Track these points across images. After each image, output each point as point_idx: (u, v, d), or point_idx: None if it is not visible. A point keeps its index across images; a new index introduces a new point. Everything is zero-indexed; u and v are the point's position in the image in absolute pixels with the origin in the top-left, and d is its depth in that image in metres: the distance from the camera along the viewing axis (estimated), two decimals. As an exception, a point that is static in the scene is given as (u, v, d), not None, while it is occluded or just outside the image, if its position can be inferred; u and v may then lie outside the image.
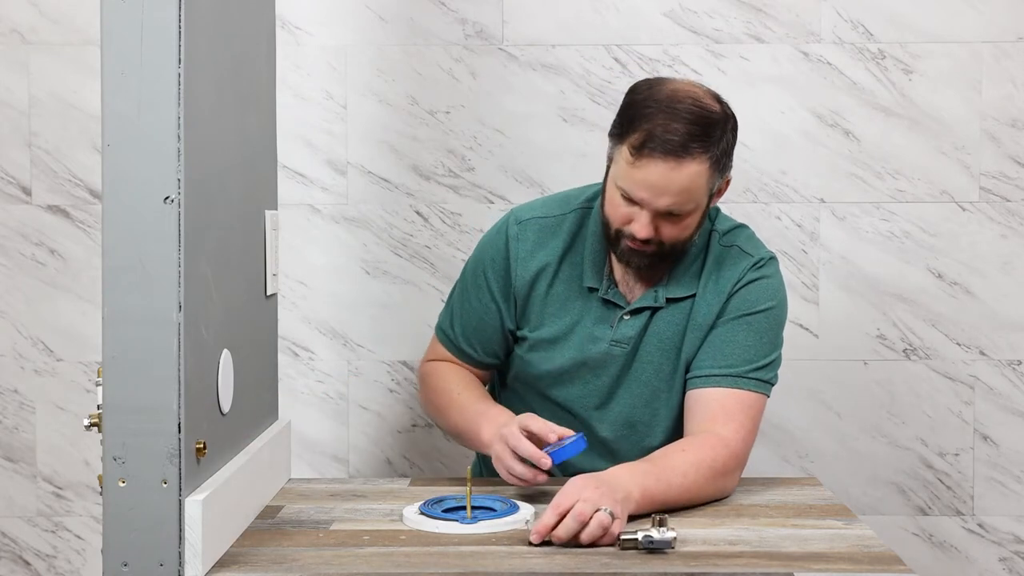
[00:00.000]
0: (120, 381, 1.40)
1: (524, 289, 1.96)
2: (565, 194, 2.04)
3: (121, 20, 1.40)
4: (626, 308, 1.92)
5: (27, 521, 2.56)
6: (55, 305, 2.54)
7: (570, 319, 1.94)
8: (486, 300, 1.99)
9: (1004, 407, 2.56)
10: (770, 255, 1.94)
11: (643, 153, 1.77)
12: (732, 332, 1.88)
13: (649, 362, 1.92)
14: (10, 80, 2.51)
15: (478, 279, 2.00)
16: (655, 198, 1.79)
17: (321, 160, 2.54)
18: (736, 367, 1.86)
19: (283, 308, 2.47)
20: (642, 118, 1.78)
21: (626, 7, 2.52)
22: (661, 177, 1.77)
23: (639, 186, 1.79)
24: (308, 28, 2.53)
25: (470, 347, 2.02)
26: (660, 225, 1.82)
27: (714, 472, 1.76)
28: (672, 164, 1.76)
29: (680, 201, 1.79)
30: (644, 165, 1.77)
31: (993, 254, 2.54)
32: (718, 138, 1.79)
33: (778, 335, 1.92)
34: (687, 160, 1.76)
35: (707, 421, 1.83)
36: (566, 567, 1.49)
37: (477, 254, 2.03)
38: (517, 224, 1.98)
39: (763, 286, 1.90)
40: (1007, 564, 2.57)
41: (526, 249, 1.96)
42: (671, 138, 1.75)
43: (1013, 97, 2.52)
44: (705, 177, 1.79)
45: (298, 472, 2.51)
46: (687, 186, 1.78)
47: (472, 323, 2.01)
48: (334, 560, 1.53)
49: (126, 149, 1.40)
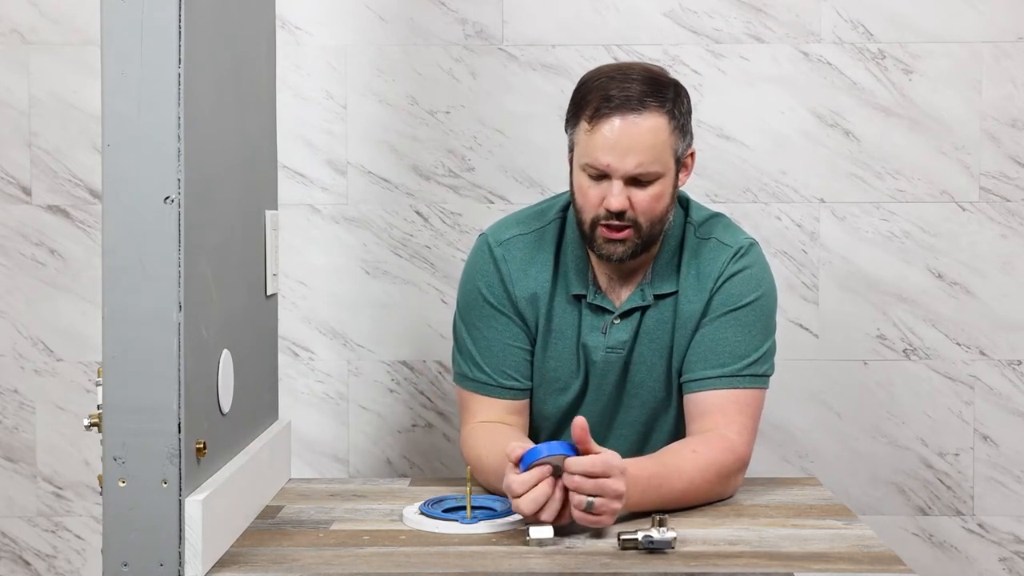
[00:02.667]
0: (120, 381, 1.40)
1: (527, 307, 1.92)
2: (536, 208, 2.00)
3: (121, 20, 1.40)
4: (615, 312, 1.90)
5: (27, 521, 2.56)
6: (55, 305, 2.54)
7: (570, 332, 1.92)
8: (502, 323, 1.92)
9: (1004, 407, 2.56)
10: (749, 242, 1.90)
11: (601, 115, 1.77)
12: (720, 330, 1.85)
13: (643, 363, 1.91)
14: (10, 80, 2.51)
15: (483, 310, 1.92)
16: (621, 159, 1.76)
17: (321, 160, 2.54)
18: (728, 366, 1.84)
19: (283, 308, 2.47)
20: (593, 90, 1.80)
21: (626, 7, 2.52)
22: (622, 133, 1.76)
23: (602, 150, 1.77)
24: (308, 28, 2.53)
25: (508, 379, 1.92)
26: (631, 195, 1.79)
27: (719, 476, 1.76)
28: (631, 119, 1.76)
29: (646, 160, 1.77)
30: (603, 126, 1.77)
31: (993, 254, 2.54)
32: (672, 97, 1.80)
33: (768, 324, 1.89)
34: (645, 113, 1.77)
35: (708, 425, 1.82)
36: (566, 567, 1.49)
37: (467, 288, 1.95)
38: (499, 245, 1.93)
39: (746, 277, 1.87)
40: (1007, 564, 2.57)
41: (517, 268, 1.92)
42: (626, 95, 1.77)
43: (1013, 97, 2.52)
44: (666, 133, 1.78)
45: (298, 472, 2.51)
46: (650, 141, 1.77)
47: (498, 353, 1.91)
48: (334, 560, 1.53)
49: (126, 149, 1.40)
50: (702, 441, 1.78)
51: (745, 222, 2.52)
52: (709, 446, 1.77)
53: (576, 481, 1.56)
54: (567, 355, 1.93)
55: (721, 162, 2.53)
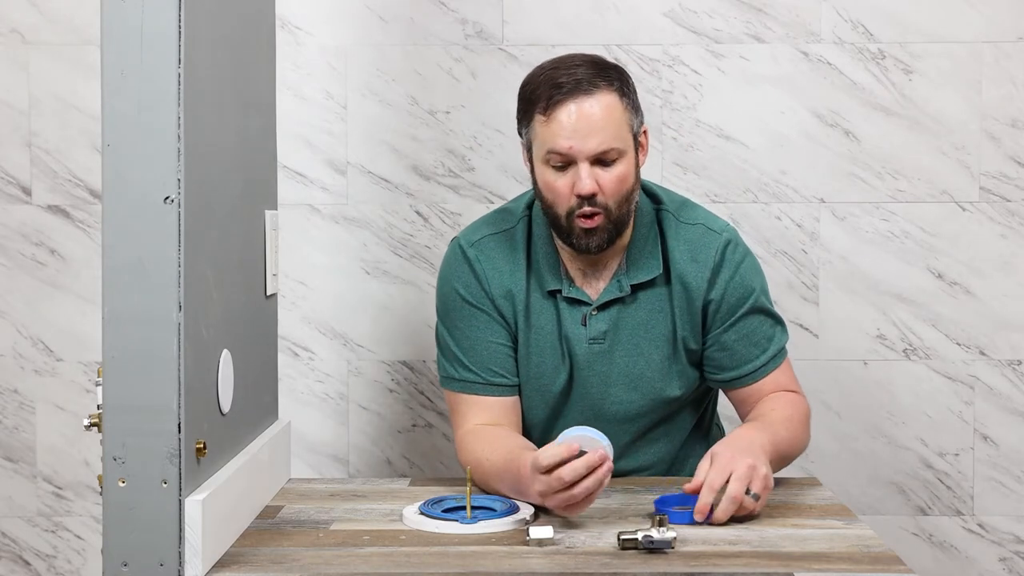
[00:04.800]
0: (120, 381, 1.40)
1: (504, 304, 1.93)
2: (501, 209, 2.03)
3: (121, 20, 1.40)
4: (592, 304, 1.92)
5: (27, 521, 2.56)
6: (55, 305, 2.54)
7: (549, 327, 1.93)
8: (483, 321, 1.93)
9: (1004, 407, 2.56)
10: (732, 227, 1.98)
11: (554, 103, 1.81)
12: (749, 324, 1.94)
13: (639, 354, 1.93)
14: (10, 80, 2.51)
15: (463, 310, 1.94)
16: (583, 141, 1.80)
17: (321, 160, 2.54)
18: (768, 350, 1.95)
19: (283, 308, 2.47)
20: (539, 85, 1.84)
21: (626, 7, 2.52)
22: (579, 116, 1.80)
23: (562, 135, 1.80)
24: (308, 28, 2.53)
25: (495, 375, 1.93)
26: (598, 177, 1.82)
27: (804, 423, 1.93)
28: (583, 100, 1.80)
29: (607, 138, 1.80)
30: (559, 113, 1.81)
31: (993, 254, 2.54)
32: (617, 76, 1.85)
33: (769, 293, 2.00)
34: (597, 94, 1.81)
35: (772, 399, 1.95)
36: (566, 567, 1.49)
37: (444, 291, 1.96)
38: (471, 247, 1.95)
39: (747, 268, 1.95)
40: (1007, 564, 2.57)
41: (491, 266, 1.94)
42: (575, 79, 1.81)
43: (1013, 97, 2.52)
44: (620, 110, 1.83)
45: (298, 472, 2.51)
46: (607, 118, 1.81)
47: (482, 352, 1.93)
48: (334, 560, 1.53)
49: (126, 149, 1.41)
50: (780, 398, 1.94)
51: (745, 222, 2.52)
52: (789, 400, 1.93)
53: (727, 509, 1.66)
54: (549, 350, 1.94)
55: (721, 162, 2.53)
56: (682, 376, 1.95)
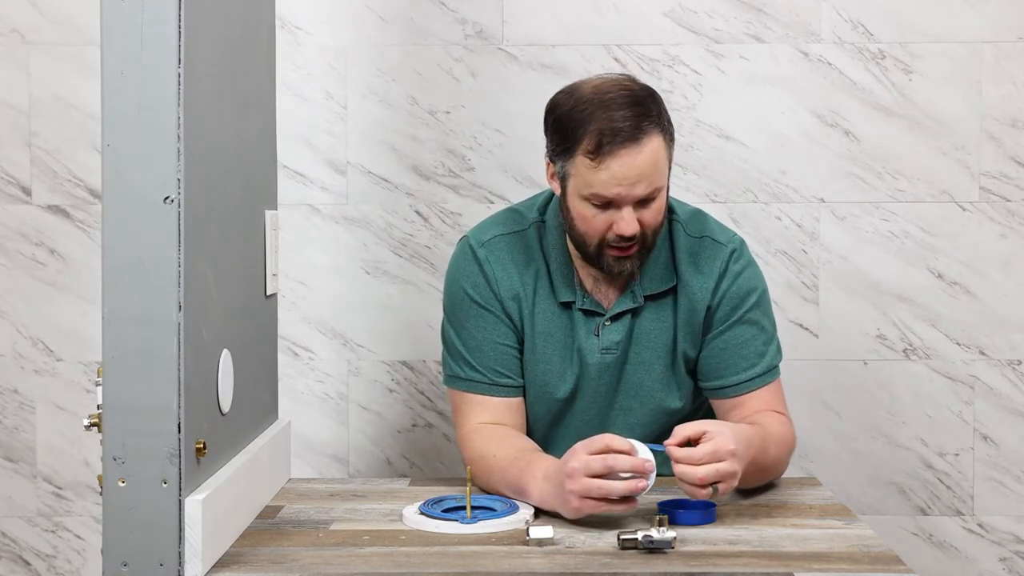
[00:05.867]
0: (120, 381, 1.40)
1: (511, 306, 1.92)
2: (512, 210, 2.01)
3: (121, 20, 1.40)
4: (606, 314, 1.91)
5: (27, 521, 2.56)
6: (55, 305, 2.54)
7: (559, 336, 1.93)
8: (490, 321, 1.92)
9: (1004, 407, 2.56)
10: (739, 239, 1.95)
11: (603, 151, 1.77)
12: (740, 334, 1.91)
13: (640, 363, 1.92)
14: (10, 80, 2.51)
15: (470, 310, 1.93)
16: (630, 189, 1.78)
17: (321, 160, 2.54)
18: (757, 365, 1.91)
19: (283, 308, 2.47)
20: (582, 123, 1.78)
21: (626, 7, 2.52)
22: (629, 166, 1.77)
23: (611, 184, 1.78)
24: (308, 28, 2.53)
25: (501, 376, 1.92)
26: (640, 215, 1.81)
27: (789, 452, 1.90)
28: (634, 149, 1.77)
29: (652, 183, 1.79)
30: (609, 162, 1.77)
31: (993, 254, 2.54)
32: (657, 110, 1.81)
33: (771, 313, 1.96)
34: (644, 140, 1.77)
35: (772, 416, 1.90)
36: (566, 567, 1.49)
37: (452, 290, 1.95)
38: (481, 246, 1.94)
39: (747, 277, 1.92)
40: (1007, 564, 2.57)
41: (500, 268, 1.93)
42: (622, 126, 1.77)
43: (1013, 97, 2.52)
44: (663, 150, 1.81)
45: (298, 472, 2.52)
46: (653, 165, 1.79)
47: (488, 352, 1.92)
48: (334, 560, 1.53)
49: (126, 149, 1.41)
50: (773, 419, 1.88)
51: (745, 222, 2.52)
52: (780, 422, 1.88)
53: (709, 486, 1.63)
54: (556, 358, 1.93)
55: (721, 162, 2.53)
56: (681, 387, 1.94)
